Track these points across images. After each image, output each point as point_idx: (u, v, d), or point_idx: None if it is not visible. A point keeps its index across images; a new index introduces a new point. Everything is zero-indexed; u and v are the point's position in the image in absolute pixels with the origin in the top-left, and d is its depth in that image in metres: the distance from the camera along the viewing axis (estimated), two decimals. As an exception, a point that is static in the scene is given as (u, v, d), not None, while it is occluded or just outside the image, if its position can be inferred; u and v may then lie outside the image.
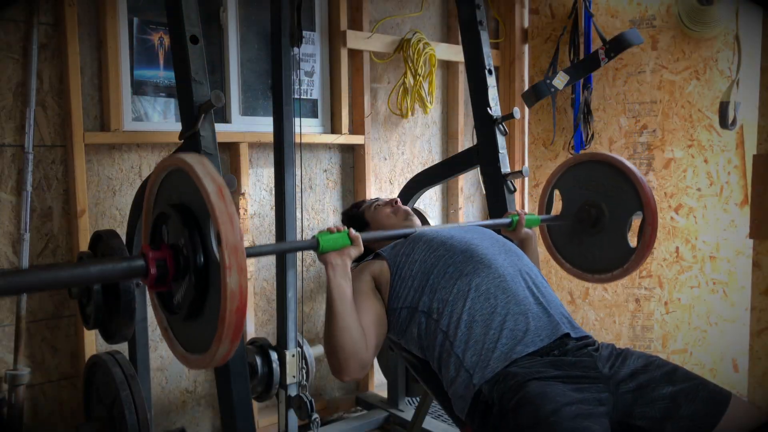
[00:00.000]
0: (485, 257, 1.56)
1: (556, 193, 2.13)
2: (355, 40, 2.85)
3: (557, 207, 2.15)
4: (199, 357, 1.14)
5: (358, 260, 1.59)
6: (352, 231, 1.50)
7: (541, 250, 2.16)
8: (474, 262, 1.54)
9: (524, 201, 3.44)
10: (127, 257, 1.43)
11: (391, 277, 1.60)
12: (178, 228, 1.13)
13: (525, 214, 1.90)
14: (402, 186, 2.76)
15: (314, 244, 1.45)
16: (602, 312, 3.21)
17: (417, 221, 1.90)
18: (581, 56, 3.01)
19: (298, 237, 2.20)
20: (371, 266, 1.66)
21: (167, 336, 1.23)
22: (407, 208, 1.93)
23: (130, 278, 1.15)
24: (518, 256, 1.65)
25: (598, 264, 2.04)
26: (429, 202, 3.30)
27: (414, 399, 2.89)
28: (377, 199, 2.01)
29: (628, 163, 1.95)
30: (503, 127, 2.20)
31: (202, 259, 1.10)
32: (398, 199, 1.95)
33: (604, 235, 2.02)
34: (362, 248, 1.51)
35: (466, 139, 3.32)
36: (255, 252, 1.33)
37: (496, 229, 2.01)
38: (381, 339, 1.57)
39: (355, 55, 2.91)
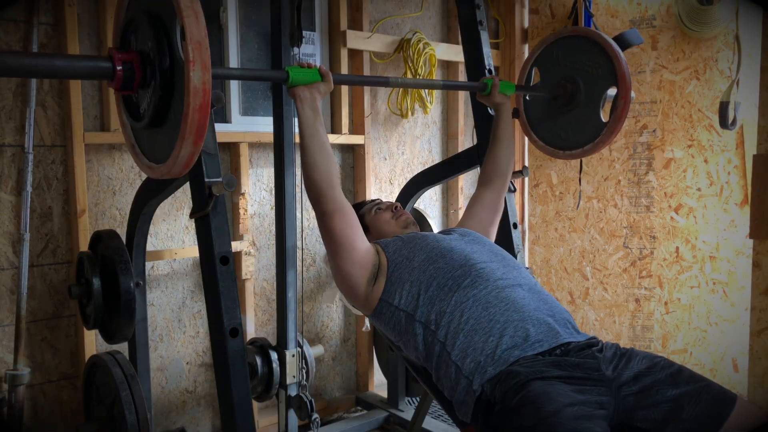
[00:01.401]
0: (483, 271, 1.56)
1: (536, 74, 2.16)
2: (355, 40, 2.84)
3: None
4: (163, 165, 1.14)
5: None
6: (323, 67, 1.55)
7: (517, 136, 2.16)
8: (472, 276, 1.55)
9: (524, 201, 3.44)
10: (95, 57, 1.42)
11: (389, 269, 1.61)
12: (146, 32, 1.12)
13: (500, 80, 1.96)
14: (402, 186, 2.76)
15: (284, 76, 1.48)
16: (602, 312, 3.21)
17: (417, 230, 1.89)
18: (581, 56, 3.01)
19: (298, 237, 2.21)
20: (373, 244, 1.69)
21: (132, 149, 1.23)
22: (408, 215, 1.92)
23: (95, 77, 1.16)
24: (517, 268, 1.65)
25: (570, 141, 2.08)
26: (429, 202, 3.30)
27: (414, 399, 2.89)
28: (378, 202, 1.99)
29: (607, 38, 1.97)
30: (503, 126, 2.20)
31: (168, 60, 1.09)
32: (399, 205, 1.94)
33: (578, 111, 2.05)
34: (332, 85, 1.58)
35: (466, 139, 3.32)
36: (223, 74, 1.34)
37: (472, 93, 2.08)
38: (366, 246, 1.63)
39: (355, 55, 2.91)
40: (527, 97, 2.22)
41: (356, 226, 1.61)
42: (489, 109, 2.16)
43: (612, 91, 1.97)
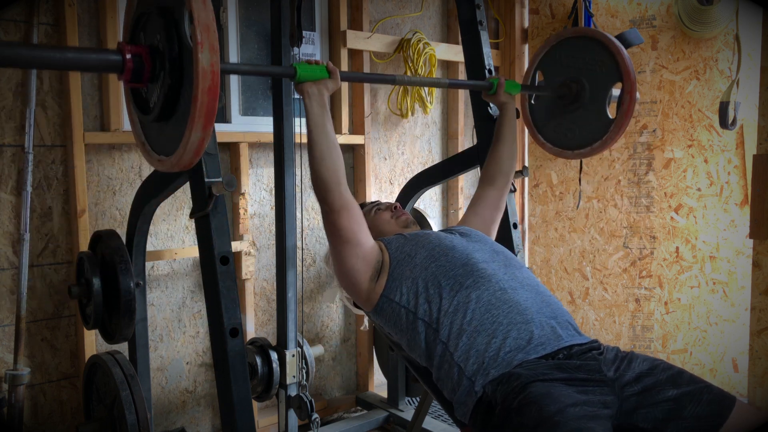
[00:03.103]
0: (485, 270, 1.56)
1: (540, 77, 2.17)
2: (355, 40, 2.84)
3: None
4: (173, 155, 1.14)
5: None
6: (330, 64, 1.55)
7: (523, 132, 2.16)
8: (474, 276, 1.54)
9: (524, 201, 3.44)
10: (105, 49, 1.43)
11: (391, 265, 1.61)
12: (155, 25, 1.14)
13: (505, 79, 1.97)
14: (402, 186, 2.76)
15: (291, 72, 1.49)
16: (602, 312, 3.21)
17: (417, 229, 1.89)
18: (581, 56, 3.01)
19: (298, 237, 2.21)
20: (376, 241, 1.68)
21: (142, 144, 1.24)
22: (408, 215, 1.91)
23: (105, 70, 1.17)
24: (520, 268, 1.65)
25: (577, 140, 2.07)
26: (429, 202, 3.30)
27: (414, 399, 2.89)
28: (377, 203, 1.98)
29: (610, 36, 1.98)
30: (503, 126, 2.20)
31: (176, 48, 1.10)
32: (399, 205, 1.93)
33: (583, 110, 2.05)
34: (339, 83, 1.57)
35: (466, 139, 3.32)
36: (231, 69, 1.34)
37: (477, 91, 2.06)
38: (372, 243, 1.63)
39: (355, 55, 2.91)
40: (532, 100, 2.22)
41: (362, 223, 1.61)
42: (490, 108, 2.16)
43: (617, 90, 1.97)
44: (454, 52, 3.14)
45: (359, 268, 1.60)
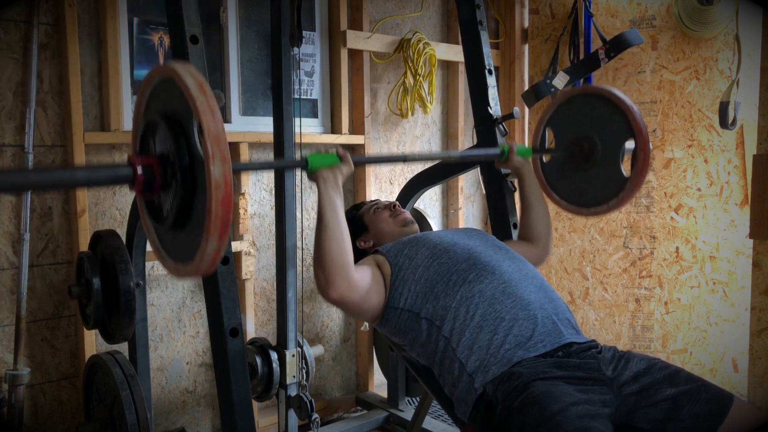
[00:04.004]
0: (488, 264, 1.55)
1: (550, 134, 2.13)
2: (355, 40, 2.85)
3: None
4: (189, 263, 1.14)
5: (357, 255, 1.59)
6: (340, 149, 1.53)
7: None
8: (477, 270, 1.54)
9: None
10: (115, 165, 1.43)
11: (392, 275, 1.59)
12: (165, 134, 1.14)
13: (516, 144, 1.91)
14: (402, 186, 2.76)
15: (303, 164, 1.50)
16: (602, 312, 3.21)
17: (416, 227, 1.88)
18: (581, 56, 3.01)
19: (298, 237, 2.21)
20: (374, 258, 1.66)
21: (158, 252, 1.24)
22: (407, 213, 1.90)
23: (116, 183, 1.17)
24: (522, 261, 1.64)
25: (593, 198, 2.04)
26: (429, 202, 3.30)
27: (414, 399, 2.89)
28: (377, 202, 1.98)
29: (618, 92, 1.95)
30: (503, 127, 2.20)
31: (187, 158, 1.11)
32: (397, 203, 1.93)
33: (597, 168, 2.00)
34: (352, 166, 1.54)
35: (466, 139, 3.32)
36: (242, 167, 1.34)
37: (488, 160, 2.02)
38: (375, 289, 1.57)
39: (355, 55, 2.91)
40: (544, 159, 2.19)
41: (364, 286, 1.54)
42: (490, 108, 2.16)
43: (630, 144, 1.94)
44: (454, 52, 3.14)
45: (367, 310, 1.59)
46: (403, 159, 1.75)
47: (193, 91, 1.02)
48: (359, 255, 1.68)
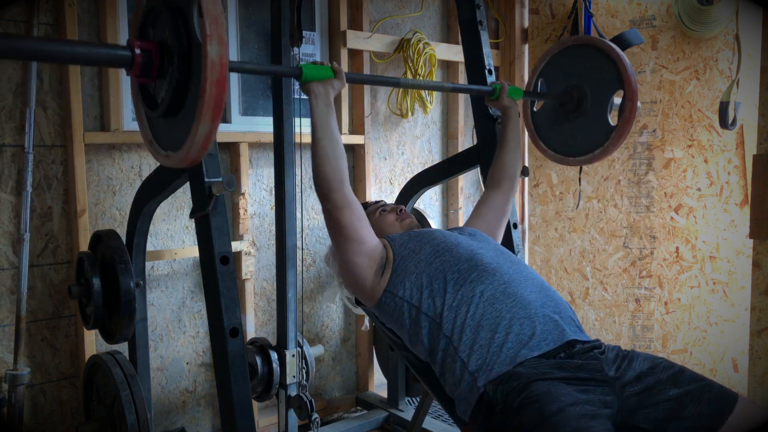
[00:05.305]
0: (490, 265, 1.56)
1: (542, 83, 2.18)
2: (355, 40, 2.84)
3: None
4: (179, 150, 1.15)
5: None
6: (335, 64, 1.56)
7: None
8: (479, 270, 1.55)
9: (524, 200, 3.44)
10: (114, 45, 1.43)
11: (394, 262, 1.61)
12: (164, 20, 1.15)
13: (508, 84, 1.98)
14: (402, 186, 2.76)
15: (297, 72, 1.51)
16: (602, 312, 3.21)
17: None
18: (581, 56, 3.01)
19: (298, 237, 2.21)
20: (380, 239, 1.69)
21: (149, 143, 1.24)
22: (413, 218, 1.92)
23: (115, 65, 1.18)
24: (522, 265, 1.65)
25: (580, 147, 2.09)
26: (429, 202, 3.30)
27: (414, 399, 2.89)
28: (381, 203, 1.99)
29: (611, 43, 1.99)
30: (503, 126, 2.20)
31: (185, 43, 1.12)
32: (403, 208, 1.95)
33: (585, 117, 2.07)
34: (345, 82, 1.59)
35: (466, 139, 3.32)
36: (238, 67, 1.36)
37: (480, 96, 2.08)
38: (379, 250, 1.63)
39: (355, 55, 2.91)
40: (534, 108, 2.23)
41: (364, 220, 1.62)
42: (491, 110, 2.17)
43: (618, 98, 1.98)
44: (454, 52, 3.14)
45: (363, 263, 1.60)
46: (397, 83, 1.81)
47: None
48: None
